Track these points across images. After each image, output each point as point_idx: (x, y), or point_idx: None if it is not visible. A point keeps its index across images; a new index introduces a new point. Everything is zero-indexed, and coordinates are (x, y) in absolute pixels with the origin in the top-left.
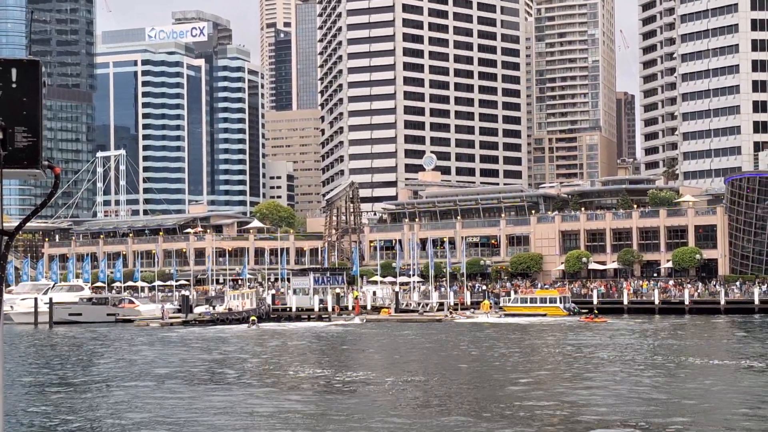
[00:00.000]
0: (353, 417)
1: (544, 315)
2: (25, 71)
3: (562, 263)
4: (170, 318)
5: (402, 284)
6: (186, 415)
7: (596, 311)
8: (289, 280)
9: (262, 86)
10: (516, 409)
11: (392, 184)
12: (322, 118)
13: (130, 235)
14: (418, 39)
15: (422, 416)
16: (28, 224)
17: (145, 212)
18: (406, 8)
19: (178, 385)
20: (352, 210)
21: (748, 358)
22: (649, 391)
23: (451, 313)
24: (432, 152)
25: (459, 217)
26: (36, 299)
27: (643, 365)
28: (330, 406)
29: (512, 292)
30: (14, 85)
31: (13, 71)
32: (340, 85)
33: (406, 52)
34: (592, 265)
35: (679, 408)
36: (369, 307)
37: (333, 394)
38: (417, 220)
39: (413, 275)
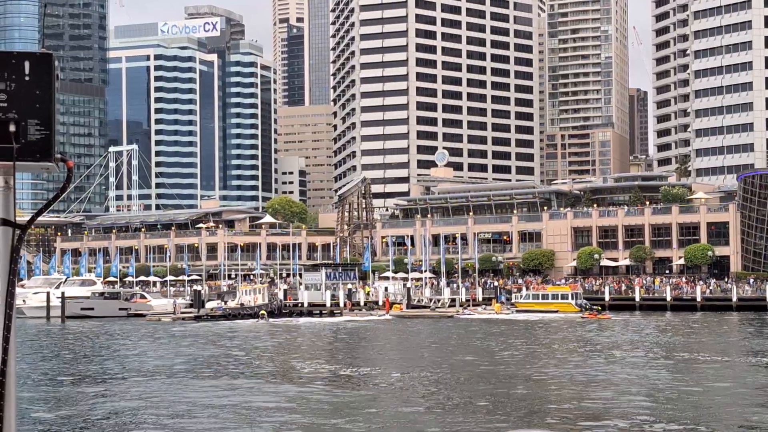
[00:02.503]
0: (372, 409)
1: (556, 311)
2: (38, 64)
3: (574, 260)
4: (182, 313)
5: (414, 280)
6: (193, 409)
7: (599, 308)
8: (300, 275)
9: (275, 81)
10: (525, 404)
11: (404, 179)
12: (335, 114)
13: (142, 229)
14: (431, 35)
15: (434, 410)
16: (41, 218)
17: (158, 207)
18: (419, 4)
19: (185, 378)
20: (364, 206)
21: (760, 355)
22: (659, 387)
23: (464, 308)
24: (444, 148)
25: (471, 213)
26: (48, 293)
27: (653, 361)
28: (345, 399)
29: (524, 289)
30: (27, 78)
31: (26, 64)
32: (353, 81)
33: (419, 48)
34: (604, 262)
35: (689, 404)
36: (381, 303)
37: (345, 388)
38: (429, 216)
39: (425, 271)
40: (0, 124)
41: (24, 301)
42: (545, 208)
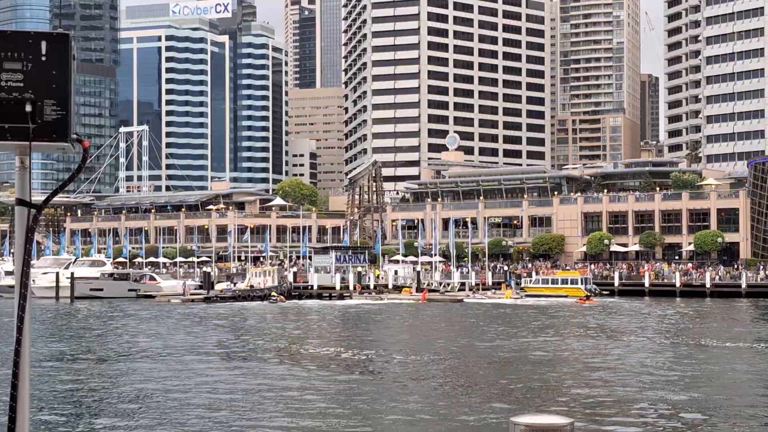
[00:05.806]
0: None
1: (566, 296)
2: (55, 44)
3: (584, 245)
4: (191, 294)
5: (424, 264)
6: (198, 390)
7: (589, 294)
8: (310, 258)
9: (286, 63)
10: (529, 387)
11: (415, 163)
12: (346, 97)
13: (152, 210)
14: (443, 18)
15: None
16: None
17: (168, 188)
18: None
19: (192, 360)
20: (374, 189)
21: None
22: (666, 372)
23: (474, 292)
24: (455, 132)
25: (481, 198)
26: (58, 274)
27: (659, 347)
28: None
29: (533, 273)
30: (44, 58)
31: (43, 44)
32: (365, 64)
33: (431, 31)
34: (614, 247)
35: (696, 390)
36: (390, 287)
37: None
38: (439, 199)
39: (435, 255)
40: (16, 104)
41: (33, 281)
42: (556, 193)
